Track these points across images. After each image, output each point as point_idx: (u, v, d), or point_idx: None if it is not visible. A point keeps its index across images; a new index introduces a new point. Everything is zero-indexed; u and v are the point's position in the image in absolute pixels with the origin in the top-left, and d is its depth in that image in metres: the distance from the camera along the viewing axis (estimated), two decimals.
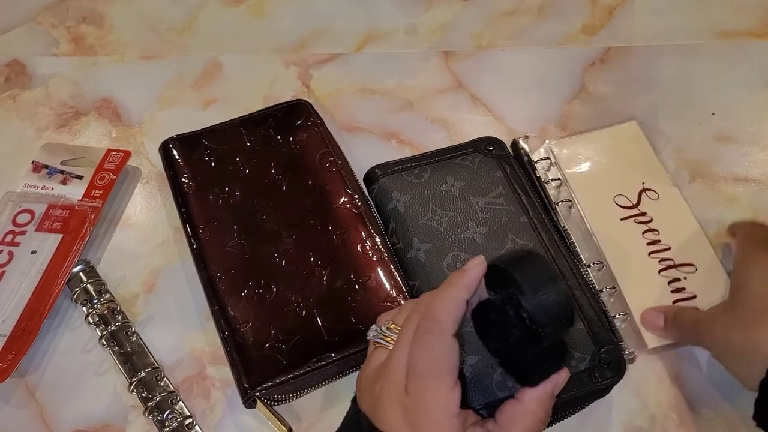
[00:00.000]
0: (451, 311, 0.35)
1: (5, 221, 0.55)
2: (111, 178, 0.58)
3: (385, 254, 0.50)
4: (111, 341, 0.50)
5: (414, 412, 0.34)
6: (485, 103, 0.63)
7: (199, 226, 0.52)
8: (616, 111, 0.61)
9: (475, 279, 0.36)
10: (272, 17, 0.71)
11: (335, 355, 0.46)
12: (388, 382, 0.35)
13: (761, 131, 0.60)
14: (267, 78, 0.66)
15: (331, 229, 0.52)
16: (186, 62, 0.68)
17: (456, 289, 0.36)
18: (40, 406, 0.49)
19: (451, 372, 0.34)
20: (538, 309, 0.33)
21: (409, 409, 0.34)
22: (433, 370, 0.34)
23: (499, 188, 0.53)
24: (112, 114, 0.65)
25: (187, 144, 0.57)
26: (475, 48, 0.68)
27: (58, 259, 0.53)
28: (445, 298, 0.36)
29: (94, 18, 0.73)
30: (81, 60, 0.69)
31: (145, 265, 0.55)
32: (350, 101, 0.64)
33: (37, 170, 0.59)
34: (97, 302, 0.51)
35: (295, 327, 0.47)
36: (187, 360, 0.50)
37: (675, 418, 0.46)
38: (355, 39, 0.69)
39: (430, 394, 0.34)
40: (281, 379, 0.45)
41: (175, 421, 0.46)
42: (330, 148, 0.57)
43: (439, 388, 0.34)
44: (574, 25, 0.68)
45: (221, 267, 0.50)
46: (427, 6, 0.71)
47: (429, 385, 0.34)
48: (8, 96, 0.66)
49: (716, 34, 0.66)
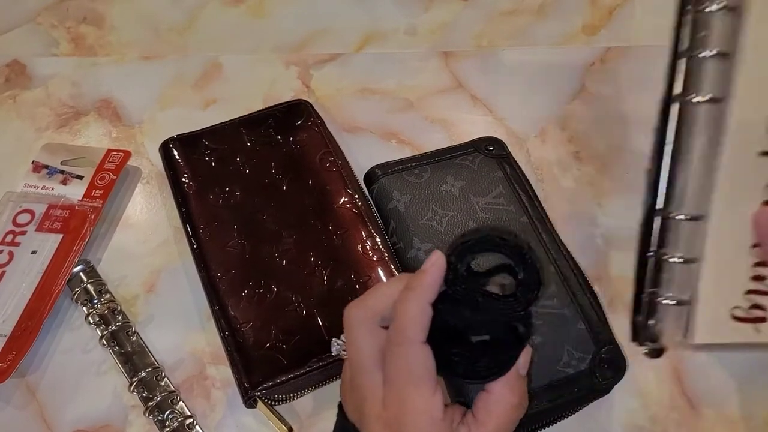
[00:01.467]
0: (416, 319, 0.34)
1: (5, 221, 0.55)
2: (111, 178, 0.58)
3: (385, 254, 0.50)
4: (111, 341, 0.50)
5: (398, 424, 0.33)
6: (485, 103, 0.63)
7: (200, 226, 0.52)
8: (616, 111, 0.61)
9: (436, 279, 0.34)
10: (272, 17, 0.72)
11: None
12: (364, 400, 0.35)
13: None
14: (267, 78, 0.66)
15: (332, 229, 0.52)
16: (186, 62, 0.68)
17: (417, 295, 0.34)
18: (40, 406, 0.49)
19: (429, 378, 0.34)
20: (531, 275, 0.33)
21: (392, 423, 0.33)
22: (411, 380, 0.33)
23: (500, 188, 0.53)
24: (112, 114, 0.65)
25: (188, 144, 0.57)
26: (475, 48, 0.68)
27: (59, 260, 0.53)
28: (408, 307, 0.34)
29: (94, 18, 0.73)
30: (81, 60, 0.69)
31: (145, 265, 0.55)
32: (350, 101, 0.64)
33: (37, 170, 0.59)
34: (98, 302, 0.51)
35: (295, 327, 0.47)
36: (187, 360, 0.50)
37: (675, 418, 0.46)
38: (355, 39, 0.69)
39: (412, 403, 0.33)
40: (282, 379, 0.45)
41: (176, 421, 0.46)
42: (330, 148, 0.57)
43: (420, 396, 0.33)
44: (575, 25, 0.68)
45: (221, 267, 0.50)
46: (427, 6, 0.71)
47: (409, 396, 0.33)
48: (8, 96, 0.66)
49: None
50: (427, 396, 0.33)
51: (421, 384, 0.33)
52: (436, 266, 0.35)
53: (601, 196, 0.57)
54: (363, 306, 0.36)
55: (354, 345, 0.36)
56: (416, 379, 0.33)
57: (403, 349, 0.33)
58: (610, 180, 0.57)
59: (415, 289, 0.34)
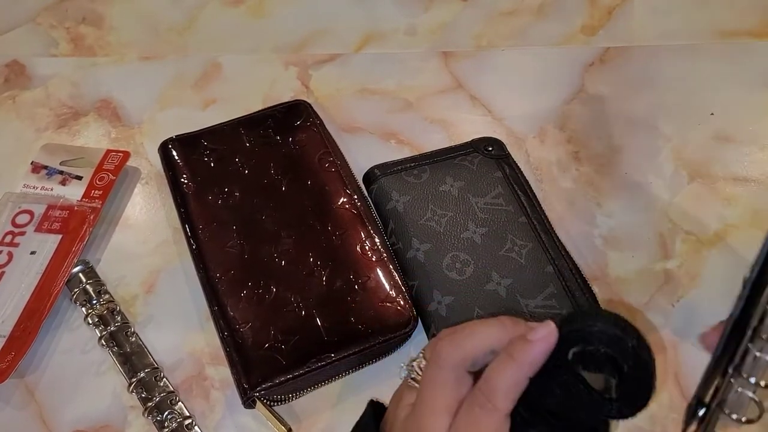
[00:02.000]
0: (510, 390, 0.31)
1: (4, 222, 0.55)
2: (110, 178, 0.58)
3: (384, 254, 0.50)
4: (110, 342, 0.50)
5: None
6: (484, 104, 0.63)
7: (199, 226, 0.52)
8: (615, 111, 0.61)
9: (542, 355, 0.31)
10: (272, 17, 0.72)
11: (335, 356, 0.46)
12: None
13: (760, 131, 0.60)
14: (266, 78, 0.66)
15: (331, 230, 0.52)
16: (185, 63, 0.68)
17: (518, 366, 0.31)
18: (39, 406, 0.49)
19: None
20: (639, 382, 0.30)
21: None
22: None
23: (499, 188, 0.53)
24: (111, 114, 0.65)
25: (187, 144, 0.57)
26: (474, 48, 0.68)
27: (58, 260, 0.53)
28: (505, 376, 0.31)
29: (93, 18, 0.73)
30: (80, 60, 0.69)
31: (144, 265, 0.55)
32: (350, 101, 0.64)
33: (36, 171, 0.59)
34: (97, 303, 0.51)
35: (294, 327, 0.47)
36: (186, 360, 0.50)
37: (675, 418, 0.46)
38: (355, 39, 0.69)
39: None
40: (281, 380, 0.45)
41: (175, 422, 0.46)
42: (329, 148, 0.57)
43: None
44: (574, 26, 0.68)
45: (221, 267, 0.50)
46: (426, 6, 0.71)
47: None
48: (8, 96, 0.66)
49: (715, 34, 0.67)
50: None
51: None
52: (546, 342, 0.31)
53: (600, 196, 0.57)
54: (459, 347, 0.33)
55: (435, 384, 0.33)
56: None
57: (485, 415, 0.31)
58: (609, 180, 0.57)
59: (518, 360, 0.31)
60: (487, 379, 0.32)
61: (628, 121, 0.61)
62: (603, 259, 0.53)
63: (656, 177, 0.57)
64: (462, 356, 0.33)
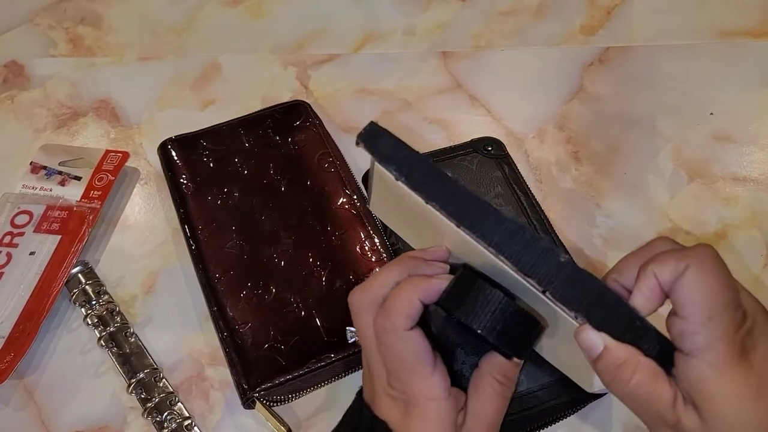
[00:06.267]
0: (403, 310, 0.34)
1: (3, 222, 0.55)
2: (109, 179, 0.58)
3: (384, 255, 0.50)
4: (110, 342, 0.50)
5: (403, 402, 0.35)
6: (484, 104, 0.63)
7: (198, 227, 0.52)
8: (614, 111, 0.61)
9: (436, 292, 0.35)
10: (271, 18, 0.71)
11: (334, 356, 0.46)
12: (374, 378, 0.36)
13: (760, 131, 0.60)
14: (265, 78, 0.66)
15: (330, 230, 0.52)
16: (184, 63, 0.68)
17: (412, 293, 0.34)
18: (38, 407, 0.48)
19: (422, 361, 0.34)
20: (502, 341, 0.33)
21: (398, 399, 0.35)
22: (404, 366, 0.35)
23: (498, 188, 0.53)
24: (110, 115, 0.65)
25: (186, 145, 0.57)
26: (473, 48, 0.68)
27: (57, 261, 0.53)
28: (400, 296, 0.35)
29: (92, 19, 0.73)
30: (79, 61, 0.69)
31: (143, 266, 0.55)
32: (349, 102, 0.64)
33: (35, 171, 0.59)
34: (96, 303, 0.51)
35: (294, 328, 0.47)
36: (186, 361, 0.50)
37: None
38: (354, 39, 0.69)
39: (410, 386, 0.35)
40: (280, 380, 0.45)
41: (174, 422, 0.46)
42: (328, 148, 0.57)
43: (417, 378, 0.34)
44: (573, 25, 0.68)
45: (220, 268, 0.50)
46: (425, 6, 0.71)
47: (407, 380, 0.35)
48: (6, 97, 0.66)
49: (715, 34, 0.67)
50: (424, 378, 0.34)
51: (415, 369, 0.34)
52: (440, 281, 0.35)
53: (600, 196, 0.57)
54: (365, 290, 0.37)
55: (360, 329, 0.37)
56: (410, 364, 0.34)
57: (390, 335, 0.34)
58: (608, 180, 0.57)
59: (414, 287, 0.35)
60: (386, 304, 0.35)
61: (628, 120, 0.61)
62: (602, 259, 0.53)
63: (656, 177, 0.57)
64: (370, 298, 0.36)
